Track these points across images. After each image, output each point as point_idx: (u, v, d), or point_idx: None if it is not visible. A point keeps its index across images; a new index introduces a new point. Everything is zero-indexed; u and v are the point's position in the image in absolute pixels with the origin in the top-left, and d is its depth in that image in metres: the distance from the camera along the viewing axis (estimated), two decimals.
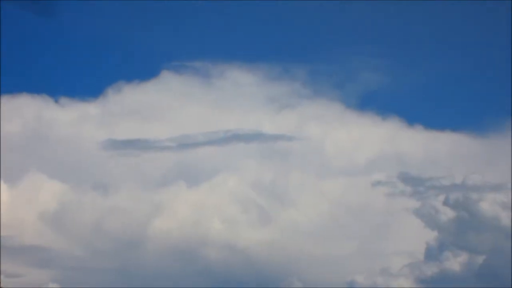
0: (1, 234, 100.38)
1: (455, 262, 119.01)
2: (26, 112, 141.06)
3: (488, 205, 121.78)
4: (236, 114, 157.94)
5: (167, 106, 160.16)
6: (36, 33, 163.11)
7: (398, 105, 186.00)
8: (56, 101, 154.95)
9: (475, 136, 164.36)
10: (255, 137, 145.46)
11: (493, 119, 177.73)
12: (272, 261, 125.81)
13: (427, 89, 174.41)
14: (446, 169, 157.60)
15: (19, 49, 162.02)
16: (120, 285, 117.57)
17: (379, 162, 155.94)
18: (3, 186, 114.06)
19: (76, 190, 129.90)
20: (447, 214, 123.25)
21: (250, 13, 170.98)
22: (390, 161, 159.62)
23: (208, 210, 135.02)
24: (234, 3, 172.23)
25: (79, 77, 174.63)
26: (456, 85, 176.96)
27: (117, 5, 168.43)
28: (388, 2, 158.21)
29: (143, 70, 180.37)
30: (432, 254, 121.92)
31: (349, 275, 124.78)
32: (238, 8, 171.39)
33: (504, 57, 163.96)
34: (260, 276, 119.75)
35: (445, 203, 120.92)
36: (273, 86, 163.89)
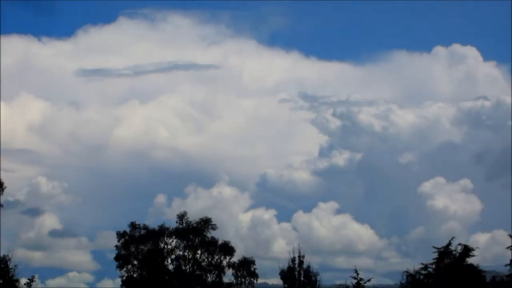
0: (1, 140, 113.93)
1: (340, 159, 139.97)
2: (17, 48, 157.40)
3: (365, 116, 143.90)
4: (176, 49, 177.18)
5: (123, 43, 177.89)
6: None
7: (298, 42, 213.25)
8: (39, 40, 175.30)
9: (356, 64, 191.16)
10: (191, 66, 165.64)
11: (369, 52, 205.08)
12: (205, 160, 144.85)
13: (320, 28, 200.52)
14: (334, 89, 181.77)
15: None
16: (90, 178, 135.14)
17: (284, 85, 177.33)
18: (2, 104, 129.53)
19: (56, 107, 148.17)
20: (335, 123, 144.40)
21: None
22: (292, 84, 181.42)
23: (155, 121, 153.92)
24: None
25: (56, 21, 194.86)
26: (341, 26, 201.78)
27: None
28: None
29: (105, 16, 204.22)
30: (324, 153, 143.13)
31: (262, 169, 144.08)
32: None
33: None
34: (197, 171, 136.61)
35: (333, 114, 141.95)
36: (204, 27, 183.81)
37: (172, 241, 35.56)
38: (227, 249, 35.69)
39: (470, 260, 27.51)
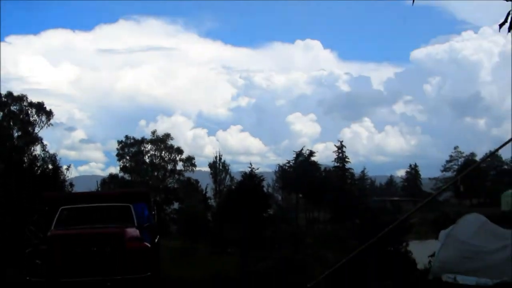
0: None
1: (243, 102, 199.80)
2: (61, 36, 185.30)
3: (258, 78, 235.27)
4: (152, 39, 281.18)
5: (122, 35, 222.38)
6: None
7: (221, 35, 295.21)
8: (73, 32, 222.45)
9: (254, 49, 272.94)
10: (160, 49, 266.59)
11: (261, 41, 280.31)
12: (168, 101, 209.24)
13: (234, 26, 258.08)
14: (241, 63, 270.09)
15: None
16: (102, 111, 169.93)
17: (212, 60, 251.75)
18: (55, 70, 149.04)
19: (84, 69, 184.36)
20: (241, 82, 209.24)
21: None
22: (217, 59, 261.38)
23: (140, 79, 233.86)
24: None
25: (83, 19, 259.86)
26: (246, 25, 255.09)
27: None
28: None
29: (111, 18, 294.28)
30: (234, 98, 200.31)
31: (200, 107, 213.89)
32: None
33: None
34: (163, 107, 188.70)
35: (240, 77, 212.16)
36: (169, 26, 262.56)
37: (148, 145, 45.78)
38: (179, 151, 46.04)
39: (313, 159, 43.35)
